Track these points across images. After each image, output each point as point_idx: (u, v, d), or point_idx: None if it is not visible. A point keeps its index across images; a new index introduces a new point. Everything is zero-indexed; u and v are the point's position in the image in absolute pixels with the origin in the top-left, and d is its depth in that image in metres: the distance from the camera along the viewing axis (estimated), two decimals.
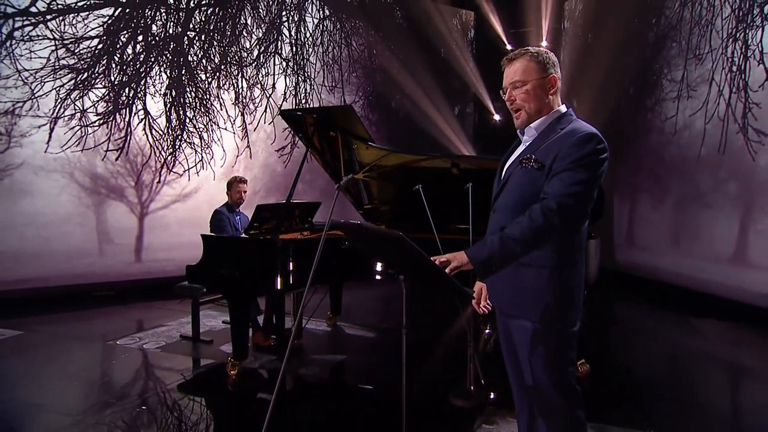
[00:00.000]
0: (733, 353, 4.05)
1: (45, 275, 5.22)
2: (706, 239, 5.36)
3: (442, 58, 7.74)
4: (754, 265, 4.79)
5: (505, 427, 2.59)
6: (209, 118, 6.16)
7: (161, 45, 5.82)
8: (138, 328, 4.44)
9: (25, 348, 3.95)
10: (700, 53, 5.49)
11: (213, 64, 6.17)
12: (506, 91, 1.72)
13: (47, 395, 3.06)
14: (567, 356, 1.59)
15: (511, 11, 7.87)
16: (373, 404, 3.08)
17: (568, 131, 1.59)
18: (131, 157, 5.70)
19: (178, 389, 3.17)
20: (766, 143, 4.63)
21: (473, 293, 1.88)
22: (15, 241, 5.05)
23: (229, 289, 3.35)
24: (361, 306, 5.41)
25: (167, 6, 5.84)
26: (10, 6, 4.93)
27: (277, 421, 2.83)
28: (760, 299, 4.65)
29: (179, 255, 5.98)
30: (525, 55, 1.69)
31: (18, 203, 5.07)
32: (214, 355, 3.78)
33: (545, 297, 1.55)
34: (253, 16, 6.47)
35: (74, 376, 3.42)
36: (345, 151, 3.73)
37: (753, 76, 4.85)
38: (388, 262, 2.09)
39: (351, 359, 3.85)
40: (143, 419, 2.73)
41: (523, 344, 1.59)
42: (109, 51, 5.46)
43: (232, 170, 6.28)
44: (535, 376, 1.58)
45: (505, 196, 1.71)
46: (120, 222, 5.69)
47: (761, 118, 4.69)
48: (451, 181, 3.29)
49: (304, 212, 4.25)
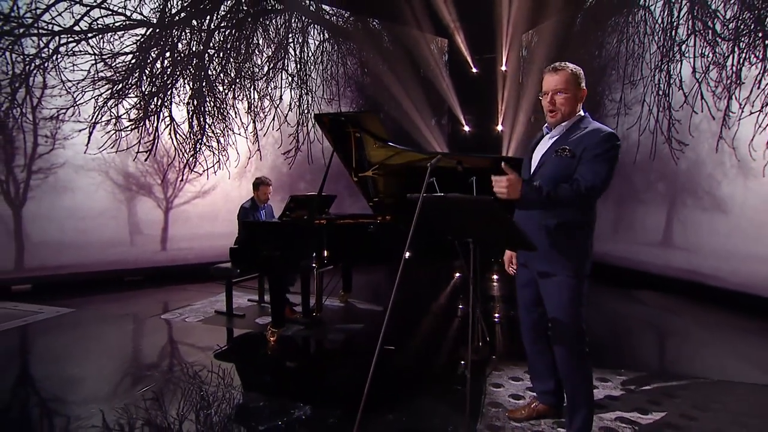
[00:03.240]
0: (663, 316, 4.26)
1: (83, 262, 5.21)
2: (640, 228, 5.60)
3: (422, 77, 7.82)
4: (678, 247, 5.09)
5: (509, 372, 2.74)
6: (225, 124, 6.19)
7: (185, 61, 5.83)
8: (175, 306, 4.40)
9: (82, 323, 3.94)
10: (634, 79, 5.71)
11: (229, 78, 6.19)
12: (548, 94, 1.86)
13: (114, 361, 3.08)
14: (583, 297, 1.83)
15: (477, 40, 8.00)
16: (396, 361, 3.08)
17: (592, 129, 1.80)
18: (158, 158, 5.72)
19: (225, 354, 3.21)
20: (686, 151, 5.00)
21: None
22: (57, 232, 5.04)
23: (270, 268, 3.34)
24: (368, 285, 5.45)
25: (191, 27, 5.84)
26: (57, 25, 4.89)
27: (324, 376, 2.96)
28: (682, 273, 4.98)
29: (198, 244, 6.09)
30: (567, 69, 1.83)
31: (60, 198, 5.05)
32: (249, 326, 3.83)
33: (573, 257, 1.79)
34: (264, 38, 6.49)
35: (136, 344, 3.50)
36: (356, 152, 3.65)
37: (675, 98, 5.16)
38: (458, 229, 1.92)
39: (367, 327, 3.85)
40: (202, 376, 2.77)
41: (554, 293, 1.81)
42: (140, 65, 5.46)
43: (244, 170, 6.34)
44: (563, 314, 1.80)
45: (540, 177, 1.86)
46: (148, 215, 5.70)
47: (682, 132, 5.05)
48: (455, 176, 3.12)
49: (322, 203, 4.33)
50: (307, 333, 3.64)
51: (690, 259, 4.94)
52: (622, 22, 5.97)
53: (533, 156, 1.96)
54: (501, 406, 2.32)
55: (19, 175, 4.84)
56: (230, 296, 4.14)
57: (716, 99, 4.72)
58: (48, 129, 4.97)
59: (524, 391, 2.51)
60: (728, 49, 4.65)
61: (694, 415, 2.26)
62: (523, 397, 2.43)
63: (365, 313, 4.30)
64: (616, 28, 6.05)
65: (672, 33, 5.25)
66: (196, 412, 2.34)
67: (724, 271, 4.56)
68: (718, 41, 4.73)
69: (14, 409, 2.37)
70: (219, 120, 6.15)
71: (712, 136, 4.73)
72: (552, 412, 2.15)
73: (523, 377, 2.67)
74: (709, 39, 4.82)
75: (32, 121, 4.87)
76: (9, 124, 4.77)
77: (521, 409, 2.22)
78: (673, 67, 5.24)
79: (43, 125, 4.94)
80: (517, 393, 2.48)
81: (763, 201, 4.24)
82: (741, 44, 4.53)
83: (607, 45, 6.18)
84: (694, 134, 4.95)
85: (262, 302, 4.49)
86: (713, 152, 4.72)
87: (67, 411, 2.32)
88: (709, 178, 4.75)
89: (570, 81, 1.84)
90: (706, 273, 4.75)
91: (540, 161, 1.89)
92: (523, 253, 1.97)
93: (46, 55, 4.88)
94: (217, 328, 3.82)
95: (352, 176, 3.82)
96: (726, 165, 4.58)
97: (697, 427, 2.16)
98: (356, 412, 1.83)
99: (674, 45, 5.22)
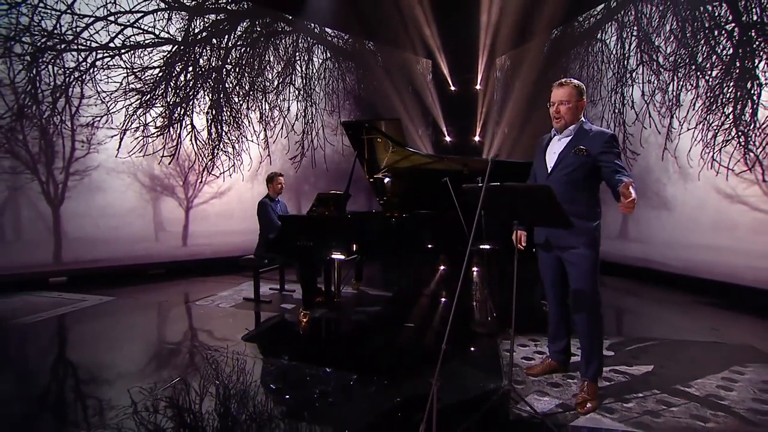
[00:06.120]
0: (619, 297, 4.49)
1: (113, 256, 5.17)
2: (602, 223, 6.07)
3: (411, 93, 8.03)
4: (632, 240, 5.39)
5: (516, 341, 2.91)
6: (240, 132, 6.22)
7: (206, 75, 5.85)
8: (206, 295, 4.38)
9: (127, 309, 3.93)
10: (594, 99, 6.03)
11: (244, 90, 6.23)
12: (554, 104, 2.02)
13: (174, 339, 3.16)
14: (598, 269, 2.02)
15: (456, 61, 8.24)
16: (417, 335, 3.21)
17: (597, 132, 1.99)
18: (180, 162, 5.71)
19: (258, 335, 3.24)
20: (638, 159, 5.37)
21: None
22: (91, 228, 4.99)
23: (303, 257, 3.34)
24: (376, 275, 5.56)
25: (211, 45, 5.87)
26: (94, 42, 4.86)
27: (359, 349, 3.06)
28: (635, 261, 5.30)
29: (216, 241, 6.11)
30: (571, 84, 2.01)
31: (94, 198, 5.00)
32: (276, 310, 3.87)
33: (591, 232, 1.98)
34: (275, 55, 6.55)
35: (187, 325, 3.53)
36: (369, 155, 3.74)
37: (628, 116, 5.51)
38: (510, 212, 1.93)
39: (383, 310, 3.92)
40: (254, 350, 2.86)
41: (577, 264, 1.99)
42: (166, 78, 5.46)
43: (256, 174, 6.39)
44: (584, 283, 1.99)
45: (560, 171, 2.01)
46: (171, 214, 5.68)
47: (634, 143, 5.43)
48: (459, 177, 3.34)
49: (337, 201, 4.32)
50: (332, 315, 3.73)
51: (642, 249, 5.28)
52: (583, 51, 6.35)
53: (546, 154, 2.12)
54: (518, 366, 2.58)
55: (58, 176, 4.77)
56: (257, 285, 4.16)
57: (661, 117, 5.13)
58: (84, 135, 4.92)
59: (533, 354, 2.77)
60: (669, 78, 5.06)
61: (664, 365, 2.60)
62: (533, 359, 2.69)
63: (377, 299, 4.39)
64: (578, 56, 6.41)
65: (624, 62, 5.66)
66: (261, 378, 2.45)
67: (669, 258, 4.95)
68: (661, 71, 5.15)
69: (95, 381, 2.43)
70: (234, 128, 6.18)
71: (659, 148, 5.13)
72: (561, 368, 2.42)
73: (527, 344, 2.95)
74: (654, 69, 5.23)
75: (70, 127, 4.80)
76: (50, 131, 4.69)
77: (536, 366, 2.48)
78: (626, 90, 5.61)
79: (79, 131, 4.88)
80: (527, 356, 2.74)
81: (699, 200, 4.66)
82: (679, 74, 4.95)
83: (570, 70, 6.46)
84: (644, 146, 5.33)
85: (283, 290, 4.55)
86: (660, 161, 5.11)
87: (145, 378, 2.40)
88: (657, 182, 5.12)
89: (573, 94, 2.01)
90: (655, 260, 5.12)
91: (558, 159, 2.05)
92: (547, 234, 2.13)
93: (84, 68, 4.83)
94: (248, 312, 3.86)
95: (367, 177, 3.95)
96: (670, 171, 4.98)
97: (669, 373, 2.49)
98: (391, 378, 1.94)
99: (626, 72, 5.59)
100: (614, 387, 2.31)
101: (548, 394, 2.21)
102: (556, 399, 2.16)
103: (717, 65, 4.58)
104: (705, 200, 4.59)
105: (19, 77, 4.51)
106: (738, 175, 4.30)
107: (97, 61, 4.93)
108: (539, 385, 2.32)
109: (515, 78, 7.56)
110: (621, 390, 2.27)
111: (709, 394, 2.25)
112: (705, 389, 2.30)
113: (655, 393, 2.24)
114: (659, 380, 2.39)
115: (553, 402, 2.13)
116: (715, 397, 2.22)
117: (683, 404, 2.12)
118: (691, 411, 2.07)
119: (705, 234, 4.59)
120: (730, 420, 2.00)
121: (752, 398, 2.21)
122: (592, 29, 6.22)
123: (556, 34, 6.87)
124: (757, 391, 2.29)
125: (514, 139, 7.41)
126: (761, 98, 4.12)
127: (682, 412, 2.05)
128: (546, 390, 2.26)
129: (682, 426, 1.94)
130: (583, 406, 2.03)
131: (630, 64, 5.58)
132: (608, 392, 2.24)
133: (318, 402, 2.13)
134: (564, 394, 2.21)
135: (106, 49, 4.98)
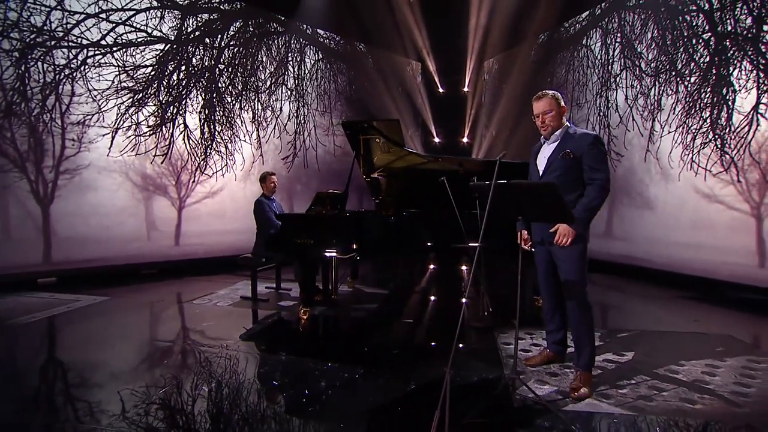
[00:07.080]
0: (605, 292, 4.63)
1: (105, 256, 5.10)
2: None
3: (400, 93, 8.11)
4: (617, 238, 5.56)
5: (513, 334, 2.92)
6: (233, 131, 6.20)
7: (198, 74, 5.81)
8: (201, 294, 4.35)
9: (121, 309, 3.89)
10: (580, 103, 6.19)
11: (237, 90, 6.22)
12: (539, 116, 2.15)
13: (173, 337, 3.18)
14: (586, 263, 2.15)
15: (444, 64, 8.39)
16: (417, 330, 3.30)
17: (581, 134, 2.11)
18: (173, 161, 5.66)
19: (260, 332, 3.26)
20: (622, 161, 5.56)
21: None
22: (82, 228, 4.91)
23: (303, 254, 3.35)
24: (370, 273, 5.59)
25: (204, 45, 5.84)
26: (86, 39, 4.79)
27: (360, 344, 3.11)
28: (620, 258, 5.48)
29: (208, 240, 6.07)
30: (547, 95, 2.16)
31: (85, 197, 4.92)
32: (274, 308, 3.87)
33: (581, 230, 2.09)
34: (267, 56, 6.55)
35: (186, 324, 3.50)
36: (365, 156, 3.76)
37: (612, 119, 5.70)
38: (515, 210, 1.98)
39: (380, 307, 3.97)
40: (255, 346, 2.88)
41: (569, 260, 2.12)
42: (159, 77, 5.41)
43: (249, 174, 6.38)
44: (574, 275, 2.11)
45: (550, 175, 2.13)
46: (163, 213, 5.63)
47: (618, 145, 5.61)
48: (456, 176, 3.44)
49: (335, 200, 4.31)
50: (331, 312, 3.76)
51: (626, 246, 5.45)
52: (569, 56, 6.55)
53: (537, 160, 2.25)
54: (517, 357, 2.68)
55: (47, 175, 4.68)
56: (255, 283, 4.15)
57: (644, 120, 5.34)
58: (75, 133, 4.84)
59: (530, 346, 2.89)
60: (651, 83, 5.28)
61: (651, 354, 2.75)
62: (530, 350, 2.80)
63: (373, 296, 4.43)
64: (564, 61, 6.60)
65: (609, 67, 5.86)
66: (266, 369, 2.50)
67: (652, 255, 5.15)
68: (643, 76, 5.36)
69: (94, 378, 2.43)
70: (227, 128, 6.16)
71: (642, 149, 5.31)
72: (558, 358, 2.54)
73: (524, 337, 3.06)
74: (637, 74, 5.44)
75: (61, 125, 4.72)
76: (39, 128, 4.60)
77: (534, 357, 2.58)
78: (610, 94, 5.80)
79: (70, 130, 4.80)
80: (524, 348, 2.86)
81: (679, 200, 4.87)
82: (660, 79, 5.17)
83: (557, 74, 6.64)
84: (628, 147, 5.51)
85: (279, 289, 4.55)
86: (642, 162, 5.29)
87: (145, 376, 2.42)
88: (640, 182, 5.30)
89: (552, 103, 2.14)
90: (638, 257, 5.30)
91: (547, 163, 2.19)
92: (541, 231, 2.26)
93: (75, 65, 4.75)
94: (246, 310, 3.86)
95: (363, 177, 3.99)
96: (652, 172, 5.18)
97: (656, 361, 2.64)
98: (396, 371, 2.02)
99: (611, 77, 5.79)
100: (607, 374, 2.44)
101: (547, 383, 2.32)
102: (555, 387, 2.27)
103: (695, 72, 4.80)
104: (685, 200, 4.81)
105: (8, 74, 4.42)
106: (715, 176, 4.52)
107: (88, 59, 4.86)
108: (538, 375, 2.43)
109: (503, 81, 7.73)
110: (614, 377, 2.40)
111: (696, 379, 2.39)
112: (691, 375, 2.45)
113: (645, 379, 2.37)
114: (648, 368, 2.52)
115: (552, 390, 2.24)
116: (701, 382, 2.37)
117: (672, 389, 2.26)
118: (680, 395, 2.21)
119: (685, 232, 4.81)
120: (716, 402, 2.15)
121: (734, 382, 2.36)
122: (577, 35, 6.42)
123: (543, 39, 7.05)
124: (738, 375, 2.45)
125: (503, 141, 7.57)
126: (735, 104, 4.35)
127: (672, 396, 2.19)
128: (545, 379, 2.37)
129: (673, 408, 2.07)
130: (576, 393, 2.13)
131: (614, 69, 5.78)
132: (602, 379, 2.36)
133: (324, 395, 2.18)
134: (562, 382, 2.33)
135: (97, 47, 4.92)
